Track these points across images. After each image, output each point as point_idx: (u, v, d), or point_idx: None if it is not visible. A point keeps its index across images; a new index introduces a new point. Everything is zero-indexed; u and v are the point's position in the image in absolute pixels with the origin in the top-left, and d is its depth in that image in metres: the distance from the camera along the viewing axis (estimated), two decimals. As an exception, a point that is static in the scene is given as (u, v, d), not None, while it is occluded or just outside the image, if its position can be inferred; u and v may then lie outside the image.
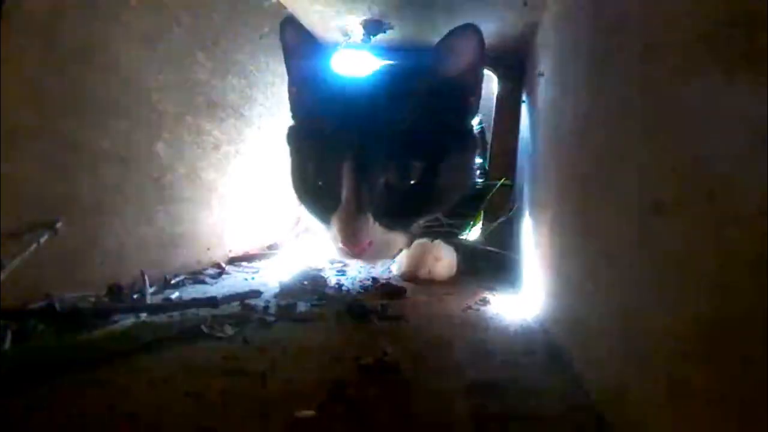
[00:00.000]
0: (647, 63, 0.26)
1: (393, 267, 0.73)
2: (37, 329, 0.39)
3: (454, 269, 0.72)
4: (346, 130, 0.59)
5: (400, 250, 0.69)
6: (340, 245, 0.58)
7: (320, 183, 0.61)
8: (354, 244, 0.57)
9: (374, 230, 0.58)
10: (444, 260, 0.70)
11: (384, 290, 0.60)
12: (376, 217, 0.58)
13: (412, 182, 0.59)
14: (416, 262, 0.69)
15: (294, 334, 0.43)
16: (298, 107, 0.69)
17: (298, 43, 0.65)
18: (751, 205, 0.17)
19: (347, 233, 0.57)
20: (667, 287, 0.22)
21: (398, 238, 0.62)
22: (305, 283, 0.62)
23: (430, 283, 0.67)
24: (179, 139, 0.63)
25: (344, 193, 0.57)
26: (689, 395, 0.20)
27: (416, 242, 0.71)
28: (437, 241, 0.71)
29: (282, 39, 0.65)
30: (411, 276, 0.68)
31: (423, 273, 0.68)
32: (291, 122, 0.69)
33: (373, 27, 0.80)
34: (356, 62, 0.88)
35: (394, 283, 0.63)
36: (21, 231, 0.43)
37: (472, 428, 0.28)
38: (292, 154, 0.68)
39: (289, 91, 0.69)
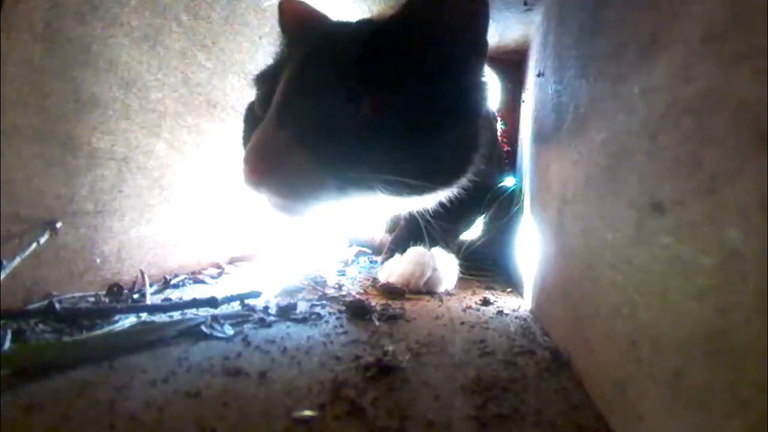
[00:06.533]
0: (647, 63, 0.26)
1: (379, 275, 0.66)
2: (37, 329, 0.39)
3: (454, 281, 0.65)
4: (296, 54, 0.50)
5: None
6: (243, 165, 0.45)
7: (259, 113, 0.51)
8: (253, 159, 0.43)
9: (289, 152, 0.43)
10: (442, 271, 0.63)
11: (384, 290, 0.60)
12: (300, 138, 0.43)
13: (362, 115, 0.45)
14: (409, 273, 0.61)
15: (294, 334, 0.43)
16: None
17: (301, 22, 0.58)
18: (750, 204, 0.17)
19: (251, 146, 0.44)
20: (667, 286, 0.22)
21: (324, 185, 0.45)
22: (305, 283, 0.62)
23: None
24: (179, 139, 0.63)
25: (271, 107, 0.46)
26: (690, 394, 0.20)
27: (411, 249, 0.64)
28: (435, 249, 0.64)
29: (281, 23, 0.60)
30: (403, 288, 0.60)
31: (416, 285, 0.61)
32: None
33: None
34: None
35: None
36: (21, 231, 0.43)
37: (472, 428, 0.28)
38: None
39: None
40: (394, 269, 0.63)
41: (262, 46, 0.77)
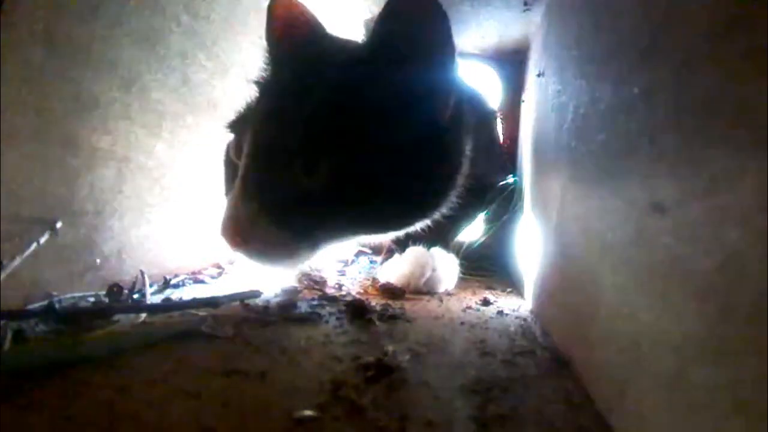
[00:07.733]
0: (647, 63, 0.26)
1: (379, 275, 0.66)
2: (37, 329, 0.39)
3: (454, 281, 0.66)
4: (260, 107, 0.50)
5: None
6: (221, 234, 0.47)
7: (235, 160, 0.50)
8: (228, 235, 0.45)
9: (258, 226, 0.45)
10: (442, 271, 0.63)
11: (384, 290, 0.60)
12: (266, 212, 0.45)
13: (322, 177, 0.44)
14: (409, 273, 0.62)
15: (294, 334, 0.43)
16: None
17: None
18: (750, 204, 0.17)
19: (224, 221, 0.46)
20: (668, 286, 0.22)
21: (299, 247, 0.47)
22: (305, 283, 0.62)
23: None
24: (179, 139, 0.63)
25: (237, 177, 0.47)
26: (690, 394, 0.20)
27: (410, 250, 0.64)
28: (435, 249, 0.65)
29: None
30: (403, 288, 0.61)
31: (416, 285, 0.62)
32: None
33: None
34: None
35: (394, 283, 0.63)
36: (21, 231, 0.43)
37: (472, 428, 0.28)
38: None
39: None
40: (394, 269, 0.64)
41: (262, 46, 0.77)
